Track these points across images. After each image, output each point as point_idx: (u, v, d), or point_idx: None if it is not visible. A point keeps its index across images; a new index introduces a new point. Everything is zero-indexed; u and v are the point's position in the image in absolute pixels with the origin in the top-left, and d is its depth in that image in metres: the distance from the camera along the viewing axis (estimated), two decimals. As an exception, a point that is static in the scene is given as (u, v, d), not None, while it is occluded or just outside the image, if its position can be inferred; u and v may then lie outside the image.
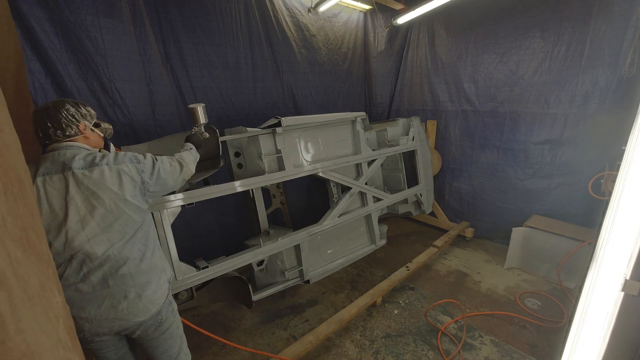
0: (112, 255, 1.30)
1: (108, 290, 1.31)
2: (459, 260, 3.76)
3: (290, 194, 3.87)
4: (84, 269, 1.27)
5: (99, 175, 1.28)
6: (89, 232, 1.25)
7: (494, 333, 2.60)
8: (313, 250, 2.94)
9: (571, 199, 3.41)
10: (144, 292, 1.39)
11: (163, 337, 1.51)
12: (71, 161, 1.27)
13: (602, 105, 3.09)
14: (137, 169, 1.40)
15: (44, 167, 1.24)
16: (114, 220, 1.30)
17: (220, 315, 2.92)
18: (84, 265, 1.26)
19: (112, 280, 1.31)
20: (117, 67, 2.55)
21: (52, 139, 1.31)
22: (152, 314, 1.42)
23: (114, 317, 1.33)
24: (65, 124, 1.31)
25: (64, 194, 1.23)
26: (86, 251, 1.25)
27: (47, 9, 2.22)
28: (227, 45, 3.24)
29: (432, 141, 4.43)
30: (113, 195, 1.30)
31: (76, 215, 1.23)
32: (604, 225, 1.19)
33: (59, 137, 1.31)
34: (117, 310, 1.33)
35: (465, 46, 3.96)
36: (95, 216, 1.26)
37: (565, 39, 3.20)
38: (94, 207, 1.26)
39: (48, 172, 1.24)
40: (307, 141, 2.80)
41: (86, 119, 1.40)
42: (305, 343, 2.33)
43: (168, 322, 1.52)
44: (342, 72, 4.53)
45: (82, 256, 1.25)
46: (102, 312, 1.31)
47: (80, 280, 1.27)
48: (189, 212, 2.17)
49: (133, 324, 1.38)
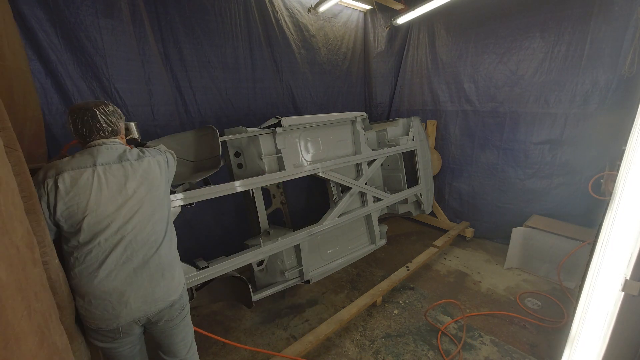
0: (152, 237, 1.43)
1: (148, 270, 1.41)
2: (459, 260, 3.75)
3: (290, 194, 3.87)
4: (128, 251, 1.36)
5: (147, 165, 1.45)
6: (141, 215, 1.39)
7: (494, 333, 2.60)
8: (313, 250, 2.94)
9: (571, 199, 3.41)
10: (174, 273, 1.53)
11: (183, 323, 1.61)
12: (124, 154, 1.41)
13: (602, 105, 3.09)
14: (164, 160, 1.57)
15: (102, 157, 1.34)
16: (157, 206, 1.46)
17: (220, 315, 2.92)
18: (128, 247, 1.36)
19: (152, 260, 1.42)
20: (116, 67, 2.55)
21: (103, 134, 1.40)
22: (180, 295, 1.54)
23: (151, 300, 1.42)
24: (115, 125, 1.45)
25: (123, 181, 1.36)
26: (135, 233, 1.37)
27: (47, 9, 2.22)
28: (226, 45, 3.24)
29: (432, 141, 4.42)
30: (157, 183, 1.47)
31: (133, 200, 1.37)
32: (604, 225, 1.19)
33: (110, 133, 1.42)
34: (155, 290, 1.43)
35: (466, 46, 3.96)
36: (146, 201, 1.41)
37: (565, 39, 3.20)
38: (146, 193, 1.42)
39: (107, 162, 1.35)
40: (307, 141, 2.79)
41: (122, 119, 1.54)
42: (305, 343, 2.33)
43: (188, 307, 1.65)
44: (341, 72, 4.53)
45: (131, 237, 1.36)
46: (141, 295, 1.39)
47: (123, 262, 1.35)
48: (189, 212, 2.17)
49: (166, 304, 1.47)
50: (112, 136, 1.44)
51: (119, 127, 1.48)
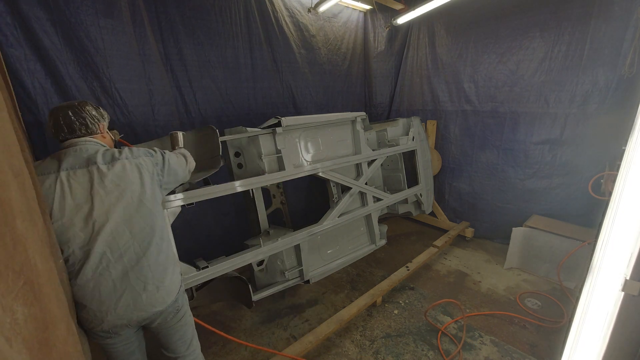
0: (132, 247, 1.34)
1: (128, 282, 1.33)
2: (459, 260, 3.75)
3: (290, 194, 3.87)
4: (104, 263, 1.29)
5: (120, 169, 1.34)
6: (113, 224, 1.29)
7: (494, 333, 2.60)
8: (313, 251, 2.94)
9: (571, 199, 3.40)
10: (162, 284, 1.43)
11: (180, 324, 1.57)
12: (94, 156, 1.32)
13: (602, 105, 3.09)
14: (152, 162, 1.48)
15: (66, 161, 1.28)
16: (135, 213, 1.35)
17: (220, 315, 2.92)
18: (103, 258, 1.29)
19: (132, 273, 1.34)
20: (117, 67, 2.55)
21: (76, 133, 1.36)
22: (170, 303, 1.47)
23: (134, 309, 1.36)
24: (90, 122, 1.40)
25: (88, 187, 1.28)
26: (109, 243, 1.29)
27: (48, 9, 2.22)
28: (226, 45, 3.24)
29: (432, 141, 4.43)
30: (134, 188, 1.36)
31: (101, 208, 1.28)
32: (604, 225, 1.19)
33: (83, 132, 1.38)
34: (137, 302, 1.36)
35: (466, 46, 3.96)
36: (118, 209, 1.31)
37: (565, 39, 3.20)
38: (118, 200, 1.32)
39: (72, 167, 1.28)
40: (307, 141, 2.79)
41: (104, 119, 1.50)
42: (305, 343, 2.33)
43: (184, 309, 1.59)
44: (341, 72, 4.53)
45: (103, 249, 1.28)
46: (122, 305, 1.33)
47: (99, 274, 1.29)
48: (189, 212, 2.17)
49: (152, 314, 1.41)
50: (87, 135, 1.39)
51: (98, 126, 1.43)
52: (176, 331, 1.57)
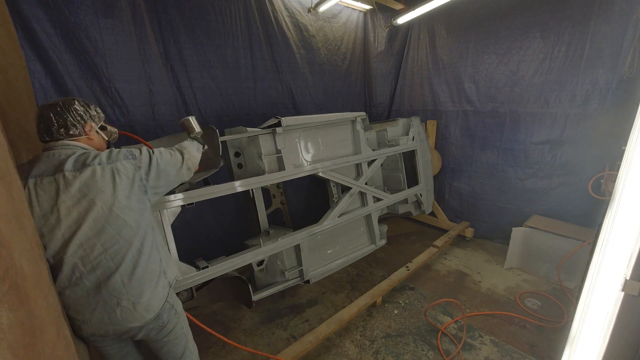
0: (104, 261, 1.24)
1: (101, 296, 1.25)
2: (459, 260, 3.75)
3: (290, 194, 3.87)
4: (76, 273, 1.22)
5: (89, 176, 1.21)
6: (81, 236, 1.20)
7: (494, 333, 2.60)
8: (313, 250, 2.94)
9: (571, 199, 3.41)
10: (138, 300, 1.31)
11: (167, 339, 1.47)
12: (65, 162, 1.21)
13: (602, 105, 3.09)
14: (134, 165, 1.33)
15: (37, 168, 1.19)
16: (106, 224, 1.23)
17: (220, 315, 2.92)
18: (75, 269, 1.21)
19: (104, 287, 1.25)
20: (116, 67, 2.55)
21: (54, 136, 1.26)
22: (149, 319, 1.36)
23: (109, 322, 1.29)
24: (70, 123, 1.28)
25: (54, 197, 1.17)
26: (80, 255, 1.21)
27: (47, 9, 2.22)
28: (226, 45, 3.24)
29: (432, 141, 4.43)
30: (105, 198, 1.23)
31: (68, 219, 1.19)
32: (604, 225, 1.19)
33: (62, 135, 1.27)
34: (111, 317, 1.28)
35: (466, 46, 3.96)
36: (88, 220, 1.20)
37: (565, 39, 3.20)
38: (86, 210, 1.20)
39: (40, 174, 1.19)
40: (307, 141, 2.79)
41: (94, 120, 1.37)
42: (305, 343, 2.33)
43: (171, 324, 1.47)
44: (341, 72, 4.53)
45: (74, 260, 1.21)
46: (97, 317, 1.26)
47: (74, 284, 1.22)
48: (189, 212, 2.17)
49: (129, 328, 1.33)
50: (67, 138, 1.27)
51: (83, 127, 1.32)
52: (163, 345, 1.48)
